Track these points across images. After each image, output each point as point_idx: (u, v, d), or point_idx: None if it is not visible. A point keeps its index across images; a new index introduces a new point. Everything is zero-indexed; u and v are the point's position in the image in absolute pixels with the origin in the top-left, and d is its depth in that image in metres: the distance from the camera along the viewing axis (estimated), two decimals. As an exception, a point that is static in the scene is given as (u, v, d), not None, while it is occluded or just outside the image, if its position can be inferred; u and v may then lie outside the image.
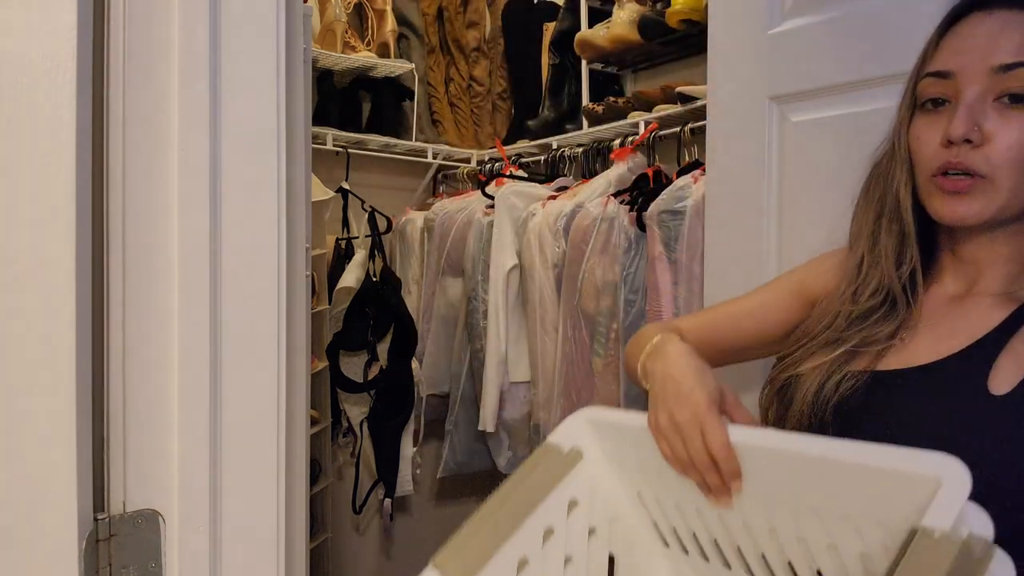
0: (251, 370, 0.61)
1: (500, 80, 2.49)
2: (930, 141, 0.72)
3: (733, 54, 1.19)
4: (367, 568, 2.30)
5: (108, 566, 0.55)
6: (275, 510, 0.63)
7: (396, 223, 2.34)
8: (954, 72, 0.71)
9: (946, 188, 0.71)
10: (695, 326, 0.89)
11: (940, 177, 0.71)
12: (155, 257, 0.57)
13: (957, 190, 0.70)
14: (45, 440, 0.51)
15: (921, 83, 0.74)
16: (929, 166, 0.72)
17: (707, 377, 0.70)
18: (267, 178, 0.62)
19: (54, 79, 0.50)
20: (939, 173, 0.71)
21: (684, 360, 0.72)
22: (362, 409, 2.09)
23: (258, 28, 0.62)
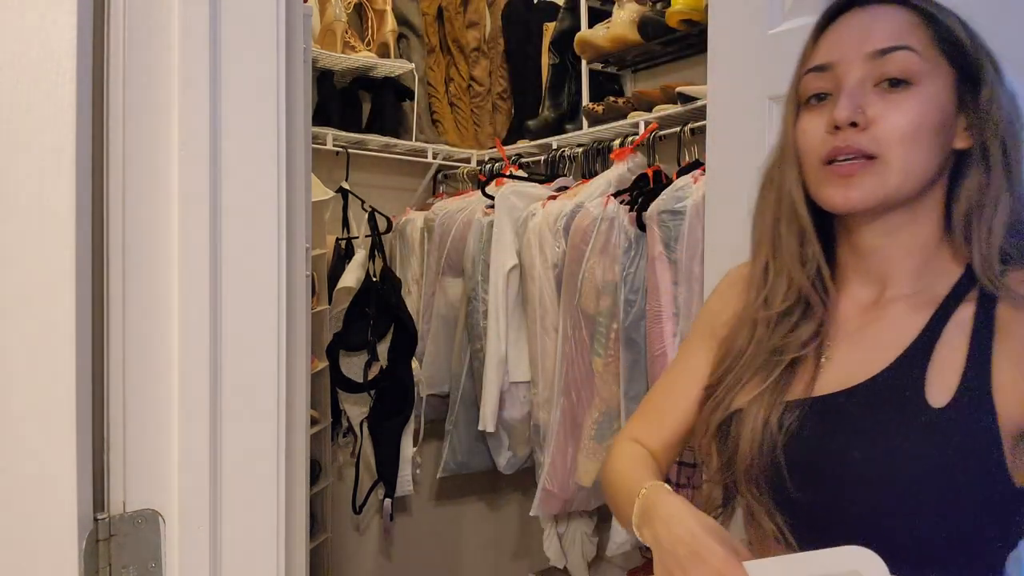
0: (251, 370, 0.61)
1: (500, 80, 2.49)
2: (816, 132, 0.73)
3: (733, 54, 1.19)
4: (367, 568, 2.30)
5: (108, 566, 0.55)
6: (275, 510, 0.63)
7: (396, 223, 2.34)
8: (833, 63, 0.72)
9: (837, 173, 0.70)
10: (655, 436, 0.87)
11: (830, 165, 0.71)
12: (155, 257, 0.57)
13: (848, 174, 0.70)
14: (45, 440, 0.51)
15: (803, 81, 0.75)
16: (817, 155, 0.72)
17: (717, 531, 0.67)
18: (267, 177, 0.62)
19: (54, 79, 0.50)
20: (828, 160, 0.71)
21: (689, 520, 0.68)
22: (362, 409, 2.09)
23: (258, 28, 0.62)
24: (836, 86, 0.72)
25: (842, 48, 0.72)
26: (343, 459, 2.19)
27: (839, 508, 0.70)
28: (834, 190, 0.71)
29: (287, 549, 0.64)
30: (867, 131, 0.69)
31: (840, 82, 0.71)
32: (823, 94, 0.73)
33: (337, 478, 2.18)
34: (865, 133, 0.69)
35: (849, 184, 0.70)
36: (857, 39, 0.71)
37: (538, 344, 1.79)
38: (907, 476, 0.66)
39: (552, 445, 1.73)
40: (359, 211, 2.16)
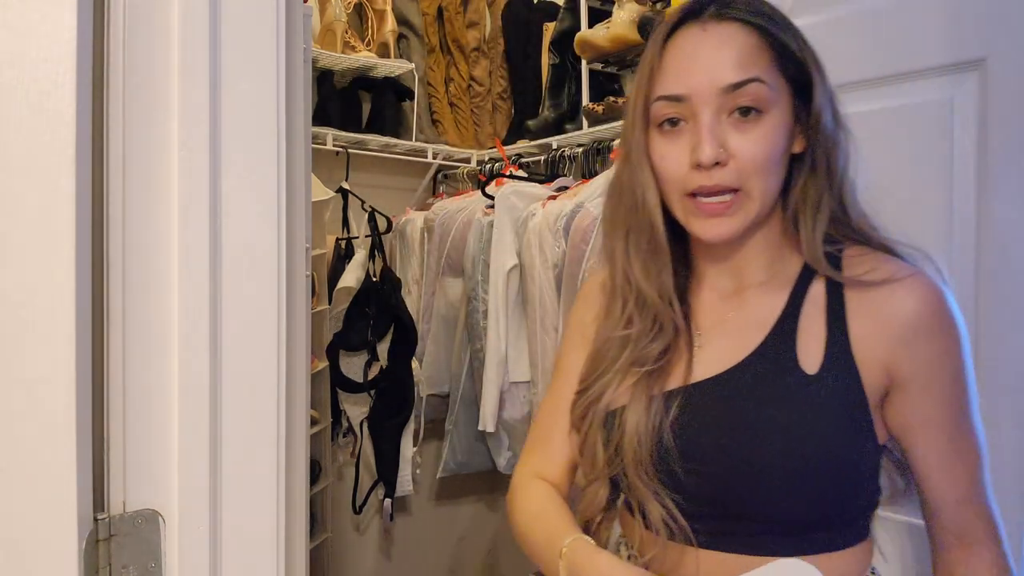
0: (251, 370, 0.61)
1: (500, 80, 2.49)
2: (677, 162, 0.74)
3: (733, 54, 1.19)
4: (367, 568, 2.30)
5: (108, 566, 0.55)
6: (275, 510, 0.63)
7: (396, 223, 2.34)
8: (686, 96, 0.72)
9: (706, 211, 0.73)
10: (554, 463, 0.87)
11: (696, 199, 0.74)
12: (155, 257, 0.57)
13: (719, 213, 0.73)
14: (45, 440, 0.51)
15: (654, 106, 0.75)
16: (681, 187, 0.74)
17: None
18: (267, 178, 0.62)
19: (54, 79, 0.50)
20: (694, 195, 0.74)
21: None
22: (362, 409, 2.09)
23: (258, 28, 0.62)
24: (690, 116, 0.73)
25: (693, 80, 0.72)
26: (343, 459, 2.19)
27: (728, 482, 0.74)
28: (704, 225, 0.74)
29: (287, 549, 0.64)
30: (728, 166, 0.72)
31: (696, 115, 0.72)
32: (676, 119, 0.74)
33: (337, 478, 2.18)
34: (728, 169, 0.72)
35: (719, 220, 0.73)
36: (707, 71, 0.72)
37: (538, 344, 1.79)
38: (791, 440, 0.71)
39: (552, 445, 1.72)
40: (359, 211, 2.16)
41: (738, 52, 0.72)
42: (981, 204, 0.92)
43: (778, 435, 0.72)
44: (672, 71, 0.74)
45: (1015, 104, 0.88)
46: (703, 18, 0.74)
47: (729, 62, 0.71)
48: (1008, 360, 0.90)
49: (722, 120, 0.72)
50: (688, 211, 0.75)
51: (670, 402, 0.77)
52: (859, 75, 1.02)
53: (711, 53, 0.72)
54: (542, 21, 2.25)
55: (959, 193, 0.93)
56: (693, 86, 0.72)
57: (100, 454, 0.55)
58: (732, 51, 0.72)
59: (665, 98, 0.74)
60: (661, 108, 0.74)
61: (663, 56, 0.74)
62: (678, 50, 0.74)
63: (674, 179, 0.75)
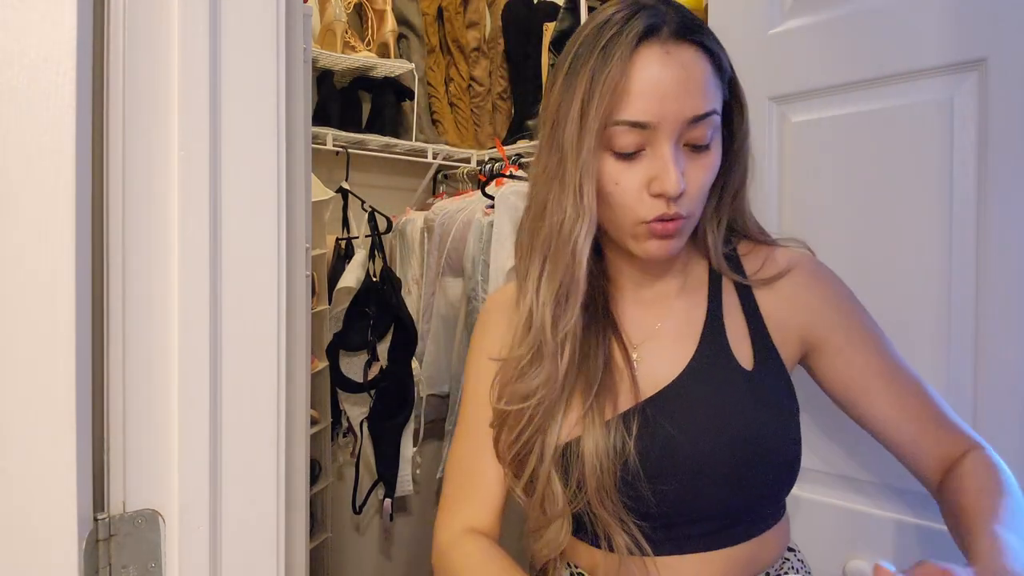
0: (251, 370, 0.61)
1: (500, 80, 2.49)
2: (635, 189, 0.72)
3: (733, 54, 1.19)
4: (367, 568, 2.30)
5: (108, 566, 0.55)
6: (275, 510, 0.63)
7: (396, 223, 2.34)
8: (652, 124, 0.69)
9: (659, 233, 0.73)
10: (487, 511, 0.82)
11: (651, 224, 0.72)
12: (155, 257, 0.57)
13: (669, 233, 0.73)
14: (45, 440, 0.51)
15: (613, 129, 0.70)
16: (635, 215, 0.72)
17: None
18: (267, 178, 0.62)
19: (54, 79, 0.50)
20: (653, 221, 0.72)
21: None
22: (362, 409, 2.09)
23: (258, 28, 0.62)
24: (651, 144, 0.70)
25: (663, 108, 0.69)
26: (343, 459, 2.19)
27: (691, 490, 0.74)
28: (650, 246, 0.74)
29: (287, 549, 0.64)
30: (684, 195, 0.72)
31: (658, 144, 0.70)
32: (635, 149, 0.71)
33: (337, 478, 2.18)
34: (683, 197, 0.72)
35: (669, 240, 0.74)
36: (675, 100, 0.69)
37: (538, 344, 1.79)
38: (744, 437, 0.74)
39: (552, 445, 1.72)
40: (359, 211, 2.15)
41: (702, 82, 0.70)
42: (981, 204, 0.91)
43: (733, 434, 0.74)
44: (639, 95, 0.69)
45: (1015, 104, 0.88)
46: (663, 36, 0.69)
47: (697, 93, 0.69)
48: (1008, 360, 0.90)
49: (680, 149, 0.71)
50: (638, 235, 0.74)
51: (628, 423, 0.75)
52: (859, 75, 1.02)
53: (679, 82, 0.69)
54: (542, 21, 2.25)
55: (959, 193, 0.93)
56: (663, 115, 0.69)
57: (100, 454, 0.55)
58: (698, 81, 0.69)
59: (628, 123, 0.69)
60: (622, 134, 0.70)
61: (630, 76, 0.69)
62: (645, 72, 0.69)
63: (628, 206, 0.72)
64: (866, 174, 1.02)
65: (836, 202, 1.05)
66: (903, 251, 0.98)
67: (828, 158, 1.06)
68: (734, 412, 0.75)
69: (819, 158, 1.07)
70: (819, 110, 1.07)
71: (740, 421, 0.74)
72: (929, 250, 0.95)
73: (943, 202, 0.94)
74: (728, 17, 1.20)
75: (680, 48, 0.69)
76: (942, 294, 0.94)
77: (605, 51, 0.69)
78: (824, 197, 1.06)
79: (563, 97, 0.72)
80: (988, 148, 0.91)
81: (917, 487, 0.91)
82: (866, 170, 1.02)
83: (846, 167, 1.03)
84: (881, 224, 1.00)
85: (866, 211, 1.01)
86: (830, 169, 1.06)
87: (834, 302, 0.81)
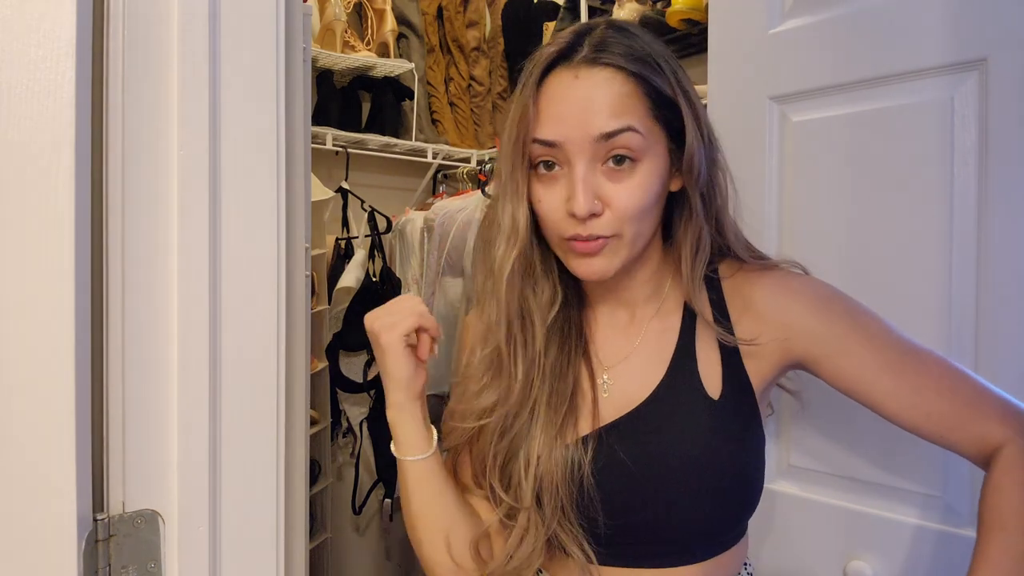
0: (251, 370, 0.61)
1: (500, 80, 2.49)
2: (554, 208, 0.74)
3: (733, 54, 1.19)
4: (367, 568, 2.30)
5: (107, 566, 0.55)
6: (275, 510, 0.62)
7: (396, 223, 2.34)
8: (560, 142, 0.72)
9: (578, 251, 0.74)
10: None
11: (571, 242, 0.74)
12: (154, 256, 0.57)
13: (589, 252, 0.73)
14: (44, 441, 0.51)
15: (532, 148, 0.74)
16: (559, 232, 0.74)
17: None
18: (267, 178, 0.62)
19: (54, 79, 0.50)
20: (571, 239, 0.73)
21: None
22: (362, 409, 2.09)
23: (258, 27, 0.62)
24: (566, 162, 0.73)
25: (566, 127, 0.71)
26: (343, 459, 2.19)
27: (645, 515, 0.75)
28: (579, 263, 0.75)
29: (287, 549, 0.64)
30: (603, 216, 0.72)
31: (571, 163, 0.72)
32: (551, 163, 0.74)
33: (337, 478, 2.18)
34: (602, 218, 0.72)
35: (592, 260, 0.74)
36: (580, 120, 0.71)
37: (538, 344, 1.79)
38: (704, 466, 0.74)
39: (552, 445, 1.72)
40: (359, 211, 2.15)
41: (611, 101, 0.71)
42: (981, 203, 0.91)
43: (688, 462, 0.74)
44: (545, 116, 0.72)
45: (1015, 104, 0.88)
46: (575, 63, 0.72)
47: (602, 111, 0.70)
48: (1008, 361, 0.90)
49: (596, 169, 0.72)
50: (565, 251, 0.76)
51: (585, 447, 0.77)
52: (859, 74, 1.02)
53: (584, 101, 0.71)
54: (542, 21, 2.25)
55: (959, 192, 0.93)
56: (567, 134, 0.71)
57: (99, 454, 0.55)
58: (605, 100, 0.71)
59: (539, 141, 0.73)
60: (537, 150, 0.73)
61: (538, 100, 0.73)
62: (552, 95, 0.72)
63: (551, 223, 0.75)
64: (866, 174, 1.02)
65: (836, 201, 1.04)
66: (903, 251, 0.98)
67: (828, 157, 1.06)
68: (692, 441, 0.75)
69: (819, 157, 1.07)
70: (820, 110, 1.07)
71: (696, 450, 0.74)
72: (929, 250, 0.95)
73: (943, 202, 0.94)
74: (728, 16, 1.20)
75: (591, 71, 0.71)
76: (942, 293, 0.94)
77: (525, 79, 0.75)
78: (824, 196, 1.06)
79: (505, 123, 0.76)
80: (988, 148, 0.91)
81: (917, 487, 0.91)
82: (866, 170, 1.02)
83: (846, 166, 1.03)
84: (881, 224, 1.00)
85: (866, 210, 1.01)
86: (830, 168, 1.06)
87: (813, 313, 0.78)
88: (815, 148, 1.08)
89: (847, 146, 1.03)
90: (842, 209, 1.04)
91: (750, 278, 0.81)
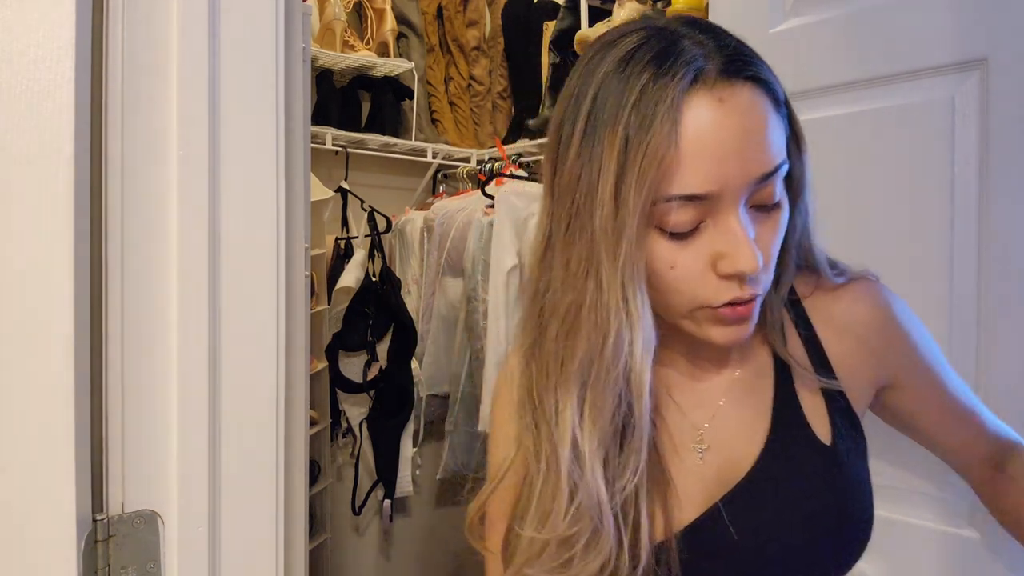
0: (250, 370, 0.61)
1: (500, 79, 2.49)
2: (697, 271, 0.57)
3: (733, 53, 1.19)
4: (367, 569, 2.30)
5: (107, 567, 0.55)
6: (274, 510, 0.62)
7: (396, 223, 2.34)
8: (714, 193, 0.55)
9: (731, 319, 0.59)
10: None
11: (720, 309, 0.58)
12: (154, 256, 0.57)
13: (745, 316, 0.59)
14: (44, 441, 0.51)
15: (665, 205, 0.55)
16: (704, 299, 0.58)
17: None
18: (266, 178, 0.62)
19: (53, 79, 0.50)
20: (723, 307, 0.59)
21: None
22: (361, 409, 2.09)
23: (257, 27, 0.61)
24: (712, 214, 0.56)
25: (724, 173, 0.54)
26: (342, 459, 2.19)
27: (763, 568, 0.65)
28: (718, 332, 0.60)
29: (286, 549, 0.64)
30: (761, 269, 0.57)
31: (722, 214, 0.56)
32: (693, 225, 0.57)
33: (336, 478, 2.18)
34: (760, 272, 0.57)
35: (744, 326, 0.60)
36: (738, 158, 0.54)
37: (538, 344, 1.79)
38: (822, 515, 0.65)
39: (552, 445, 1.72)
40: (358, 211, 2.15)
41: (766, 130, 0.56)
42: (982, 203, 0.91)
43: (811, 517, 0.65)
44: (692, 162, 0.54)
45: (1016, 104, 0.88)
46: (711, 79, 0.54)
47: (760, 145, 0.55)
48: (1008, 360, 0.90)
49: (748, 215, 0.57)
50: (704, 321, 0.60)
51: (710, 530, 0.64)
52: (860, 74, 1.02)
53: (739, 136, 0.55)
54: (542, 20, 2.25)
55: (960, 192, 0.93)
56: (724, 181, 0.54)
57: (99, 455, 0.55)
58: (760, 130, 0.55)
59: (683, 198, 0.55)
60: (674, 209, 0.55)
61: (679, 139, 0.54)
62: (696, 131, 0.54)
63: (688, 292, 0.58)
64: (867, 173, 1.01)
65: (837, 201, 1.04)
66: (904, 250, 0.98)
67: (829, 157, 1.06)
68: (814, 495, 0.65)
69: (820, 157, 1.07)
70: (820, 109, 1.07)
71: (819, 504, 0.64)
72: (930, 249, 0.95)
73: (944, 201, 0.94)
74: (729, 16, 1.20)
75: (734, 90, 0.55)
76: (943, 293, 0.94)
77: (639, 108, 0.54)
78: (825, 195, 1.05)
79: (585, 168, 0.56)
80: (989, 147, 0.90)
81: (918, 487, 0.91)
82: (867, 169, 1.01)
83: (847, 166, 1.03)
84: (882, 223, 1.00)
85: (867, 210, 1.01)
86: (831, 168, 1.06)
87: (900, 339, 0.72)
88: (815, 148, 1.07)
89: (848, 145, 1.03)
90: (842, 208, 1.04)
91: (836, 294, 0.71)
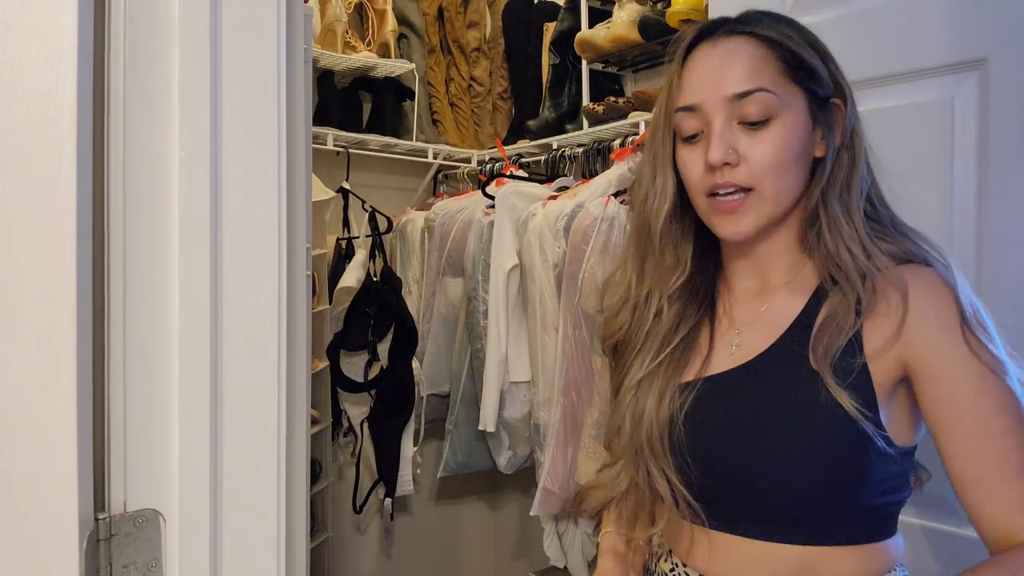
0: (251, 370, 0.61)
1: (500, 80, 2.49)
2: (697, 167, 0.80)
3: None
4: (367, 568, 2.30)
5: (109, 566, 0.55)
6: (275, 510, 0.63)
7: (396, 223, 2.34)
8: (698, 104, 0.79)
9: (720, 208, 0.79)
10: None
11: (712, 198, 0.79)
12: (155, 257, 0.57)
13: (730, 209, 0.78)
14: (46, 440, 0.51)
15: (675, 118, 0.81)
16: (700, 188, 0.80)
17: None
18: (267, 178, 0.62)
19: (54, 80, 0.50)
20: (710, 194, 0.79)
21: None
22: (362, 409, 2.09)
23: (258, 28, 0.62)
24: (706, 125, 0.79)
25: (704, 90, 0.78)
26: (343, 459, 2.19)
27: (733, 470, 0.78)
28: (721, 222, 0.80)
29: (287, 549, 0.64)
30: (740, 167, 0.77)
31: (709, 123, 0.78)
32: (696, 133, 0.80)
33: (337, 478, 2.18)
34: (739, 169, 0.77)
35: (734, 217, 0.78)
36: (715, 81, 0.78)
37: (538, 343, 1.79)
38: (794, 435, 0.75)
39: (552, 444, 1.73)
40: (359, 211, 2.16)
41: (744, 63, 0.77)
42: (981, 203, 0.91)
43: (782, 429, 0.76)
44: (687, 85, 0.80)
45: (1016, 104, 0.88)
46: (715, 36, 0.80)
47: (735, 73, 0.77)
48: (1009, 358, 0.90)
49: (733, 127, 0.77)
50: (707, 211, 0.81)
51: (683, 395, 0.82)
52: (860, 74, 1.02)
53: (719, 64, 0.78)
54: (542, 21, 2.25)
55: (959, 192, 0.93)
56: (704, 96, 0.78)
57: (101, 454, 0.55)
58: (738, 63, 0.77)
59: (682, 109, 0.80)
60: (681, 120, 0.80)
61: (682, 74, 0.81)
62: (692, 67, 0.81)
63: (694, 182, 0.81)
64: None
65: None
66: (903, 251, 0.98)
67: (828, 158, 1.06)
68: (785, 408, 0.76)
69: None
70: (819, 110, 1.07)
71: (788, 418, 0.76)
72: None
73: (944, 201, 0.94)
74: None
75: (727, 39, 0.79)
76: (942, 294, 0.94)
77: (671, 57, 0.84)
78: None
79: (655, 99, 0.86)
80: (989, 147, 0.91)
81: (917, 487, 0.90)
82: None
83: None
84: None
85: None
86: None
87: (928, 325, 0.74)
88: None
89: (847, 146, 1.03)
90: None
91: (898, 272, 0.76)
